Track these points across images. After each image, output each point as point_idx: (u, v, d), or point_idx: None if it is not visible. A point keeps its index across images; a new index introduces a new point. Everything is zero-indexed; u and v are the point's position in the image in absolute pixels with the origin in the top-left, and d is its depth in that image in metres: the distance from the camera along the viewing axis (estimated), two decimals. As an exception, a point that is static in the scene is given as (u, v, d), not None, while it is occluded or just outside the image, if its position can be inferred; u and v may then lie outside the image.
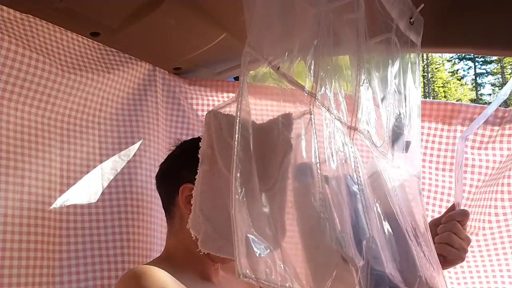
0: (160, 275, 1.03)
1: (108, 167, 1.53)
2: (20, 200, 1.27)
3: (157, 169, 1.41)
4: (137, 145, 1.60)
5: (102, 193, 1.50)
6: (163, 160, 1.37)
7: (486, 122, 1.66)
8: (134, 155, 1.59)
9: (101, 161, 1.51)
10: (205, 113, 1.74)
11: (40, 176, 1.33)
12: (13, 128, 1.27)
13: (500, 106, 1.43)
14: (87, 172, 1.47)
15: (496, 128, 1.66)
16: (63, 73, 1.37)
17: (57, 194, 1.38)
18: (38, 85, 1.31)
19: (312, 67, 0.80)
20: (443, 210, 1.71)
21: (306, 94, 0.79)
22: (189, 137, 1.75)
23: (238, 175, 0.59)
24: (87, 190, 1.46)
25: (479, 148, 1.69)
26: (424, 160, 1.75)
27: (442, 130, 1.74)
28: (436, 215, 1.72)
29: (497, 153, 1.67)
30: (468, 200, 1.70)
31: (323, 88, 0.83)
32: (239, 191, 0.58)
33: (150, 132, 1.65)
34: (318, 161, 0.75)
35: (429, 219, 1.72)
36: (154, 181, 1.45)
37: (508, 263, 1.66)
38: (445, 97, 32.99)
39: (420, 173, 1.45)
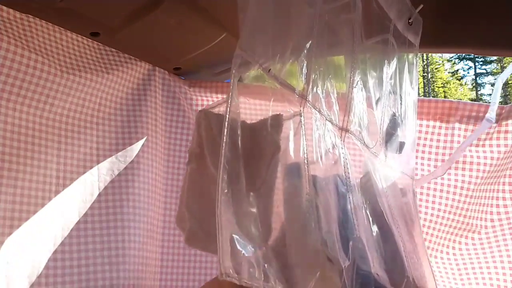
0: None
1: (105, 168, 1.53)
2: (12, 202, 1.27)
3: (155, 170, 1.41)
4: (135, 146, 1.60)
5: (99, 194, 1.50)
6: (162, 161, 1.36)
7: (483, 119, 1.67)
8: (132, 156, 1.59)
9: (98, 162, 1.51)
10: (205, 113, 1.74)
11: (35, 178, 1.33)
12: (11, 129, 1.27)
13: (499, 102, 1.44)
14: (84, 173, 1.47)
15: (494, 125, 1.66)
16: (61, 73, 1.37)
17: (52, 195, 1.38)
18: (36, 85, 1.31)
19: (304, 68, 0.80)
20: (442, 208, 1.72)
21: (297, 96, 0.79)
22: (189, 137, 1.75)
23: (225, 176, 0.59)
24: (83, 191, 1.47)
25: (477, 145, 1.69)
26: (422, 158, 1.75)
27: (440, 128, 1.74)
28: (436, 212, 1.73)
29: (494, 150, 1.66)
30: (467, 198, 1.70)
31: (314, 90, 0.83)
32: (226, 191, 0.58)
33: (149, 133, 1.65)
34: (306, 162, 0.76)
35: (428, 217, 1.73)
36: (151, 181, 1.45)
37: (510, 261, 1.65)
38: (445, 97, 32.80)
39: (413, 174, 1.45)
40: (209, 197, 0.82)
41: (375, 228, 0.95)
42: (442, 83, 34.29)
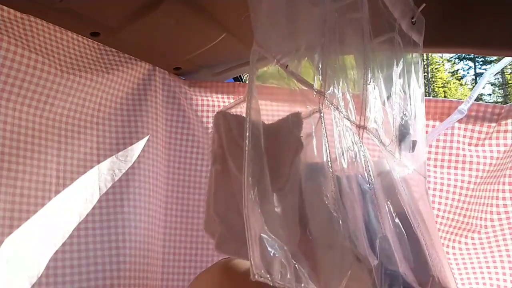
0: None
1: (105, 167, 1.52)
2: (12, 202, 1.27)
3: (155, 169, 1.39)
4: (135, 146, 1.59)
5: (99, 194, 1.49)
6: (162, 160, 1.36)
7: (483, 119, 1.68)
8: (132, 155, 1.58)
9: (98, 162, 1.51)
10: (205, 113, 1.74)
11: (35, 177, 1.33)
12: (10, 129, 1.26)
13: (499, 102, 1.45)
14: (84, 173, 1.46)
15: (493, 124, 1.67)
16: (62, 73, 1.36)
17: (52, 195, 1.37)
18: (36, 85, 1.30)
19: (320, 66, 0.79)
20: (442, 207, 1.72)
21: (315, 93, 0.78)
22: (190, 137, 1.75)
23: (250, 174, 0.58)
24: (83, 191, 1.46)
25: (476, 145, 1.70)
26: None
27: None
28: (436, 212, 1.73)
29: (494, 149, 1.67)
30: (467, 197, 1.71)
31: (331, 87, 0.82)
32: (252, 190, 0.57)
33: (149, 133, 1.64)
34: (329, 159, 0.75)
35: (427, 216, 1.73)
36: (152, 181, 1.42)
37: (511, 260, 1.66)
38: (445, 97, 32.94)
39: (426, 173, 1.45)
40: (235, 199, 0.81)
41: (398, 227, 0.95)
42: (442, 83, 34.47)
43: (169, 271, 1.72)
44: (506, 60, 1.63)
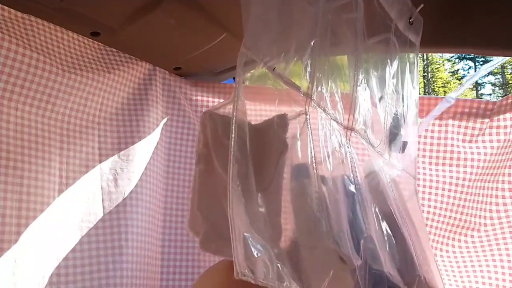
0: None
1: (107, 167, 1.53)
2: (18, 200, 1.28)
3: (156, 169, 1.39)
4: (136, 145, 1.59)
5: (101, 194, 1.50)
6: (162, 160, 1.36)
7: (476, 115, 1.68)
8: (133, 154, 1.59)
9: (100, 161, 1.52)
10: (205, 113, 1.74)
11: (40, 176, 1.33)
12: (13, 128, 1.27)
13: (500, 95, 1.45)
14: (86, 172, 1.47)
15: (486, 120, 1.67)
16: (63, 73, 1.37)
17: (56, 194, 1.38)
18: (38, 85, 1.31)
19: (309, 67, 0.80)
20: (438, 205, 1.73)
21: (302, 95, 0.78)
22: (190, 137, 1.75)
23: (236, 175, 0.58)
24: (86, 190, 1.47)
25: (470, 142, 1.71)
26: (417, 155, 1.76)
27: (433, 124, 1.75)
28: (432, 210, 1.73)
29: (487, 145, 1.68)
30: (463, 194, 1.71)
31: (319, 88, 0.83)
32: (237, 191, 0.58)
33: (150, 132, 1.65)
34: (314, 161, 0.75)
35: (424, 215, 1.73)
36: (153, 180, 1.42)
37: (510, 259, 1.66)
38: (445, 97, 32.57)
39: (416, 173, 1.45)
40: (218, 198, 0.82)
41: (384, 227, 0.95)
42: (442, 83, 34.24)
43: (169, 271, 1.73)
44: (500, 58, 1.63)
